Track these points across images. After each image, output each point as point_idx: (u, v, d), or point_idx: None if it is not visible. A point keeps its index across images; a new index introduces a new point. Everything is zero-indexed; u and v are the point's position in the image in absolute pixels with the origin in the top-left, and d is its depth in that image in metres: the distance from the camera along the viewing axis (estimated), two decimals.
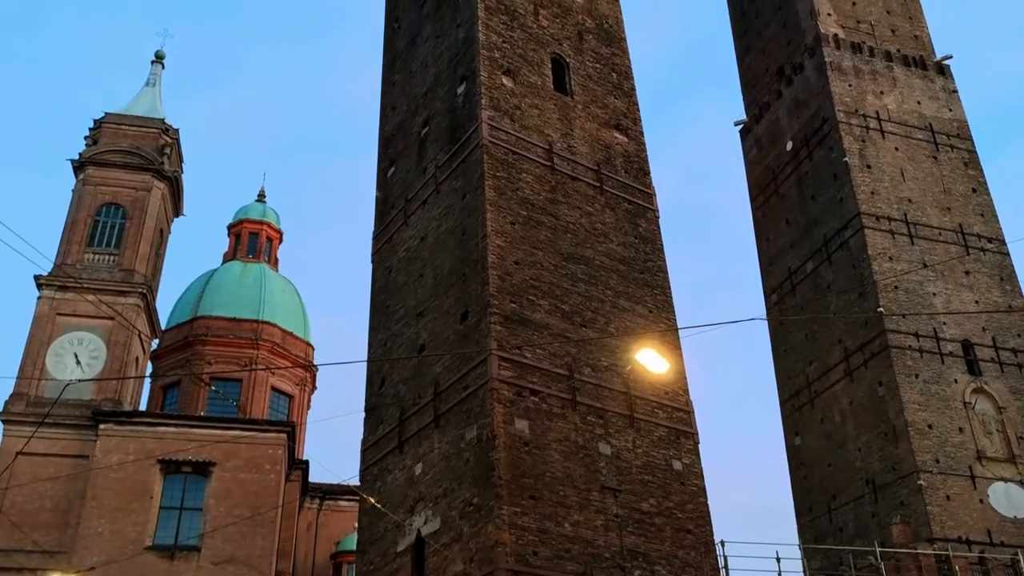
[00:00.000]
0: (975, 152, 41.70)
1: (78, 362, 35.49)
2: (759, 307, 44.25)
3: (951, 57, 44.26)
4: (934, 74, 43.81)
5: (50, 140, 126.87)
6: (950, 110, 42.79)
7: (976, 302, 37.32)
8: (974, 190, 40.72)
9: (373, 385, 26.67)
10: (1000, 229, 39.92)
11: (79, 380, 34.57)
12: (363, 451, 25.89)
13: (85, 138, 41.52)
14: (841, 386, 37.34)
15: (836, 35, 42.93)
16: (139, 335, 37.37)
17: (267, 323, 46.79)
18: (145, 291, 37.75)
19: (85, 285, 36.13)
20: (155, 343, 42.86)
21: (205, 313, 46.60)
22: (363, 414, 26.61)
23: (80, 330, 36.20)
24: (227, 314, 46.55)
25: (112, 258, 38.34)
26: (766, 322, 42.50)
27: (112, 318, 36.03)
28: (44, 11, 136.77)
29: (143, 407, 41.65)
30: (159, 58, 46.51)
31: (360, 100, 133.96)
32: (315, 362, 48.76)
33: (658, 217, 27.82)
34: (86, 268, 37.76)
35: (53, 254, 37.65)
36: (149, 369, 44.06)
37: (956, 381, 35.07)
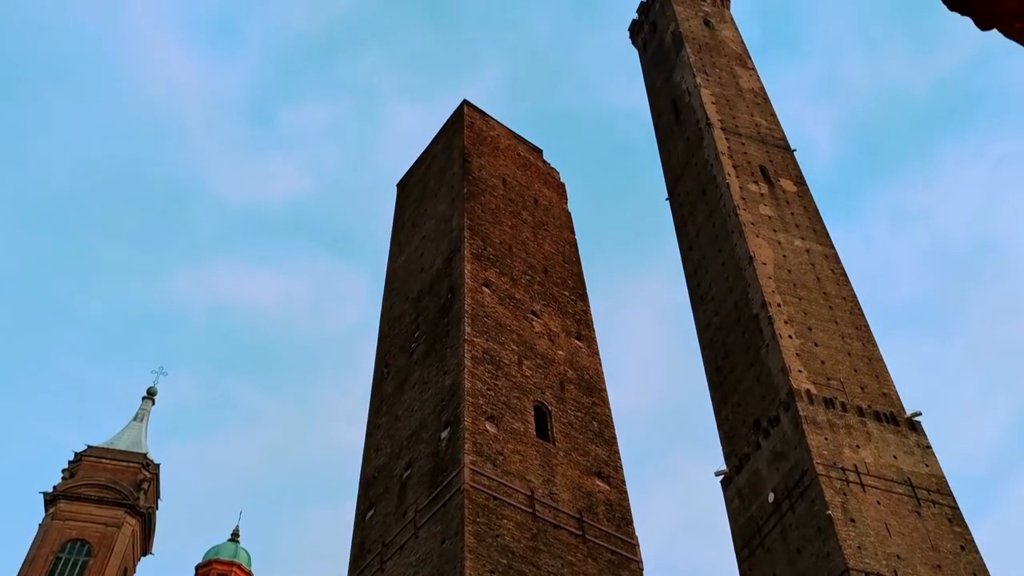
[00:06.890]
0: (958, 509, 41.50)
1: None
2: None
3: (920, 414, 45.61)
4: (907, 430, 44.85)
5: (31, 475, 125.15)
6: (926, 465, 43.27)
7: None
8: (962, 548, 39.99)
9: None
10: None
11: None
12: None
13: (63, 471, 41.17)
14: None
15: (808, 390, 44.57)
16: None
17: None
18: None
19: None
20: None
21: None
22: None
23: None
24: None
25: None
26: None
27: None
28: (51, 347, 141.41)
29: None
30: (150, 395, 47.61)
31: (343, 445, 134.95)
32: None
33: (642, 568, 27.04)
34: None
35: None
36: None
37: None
